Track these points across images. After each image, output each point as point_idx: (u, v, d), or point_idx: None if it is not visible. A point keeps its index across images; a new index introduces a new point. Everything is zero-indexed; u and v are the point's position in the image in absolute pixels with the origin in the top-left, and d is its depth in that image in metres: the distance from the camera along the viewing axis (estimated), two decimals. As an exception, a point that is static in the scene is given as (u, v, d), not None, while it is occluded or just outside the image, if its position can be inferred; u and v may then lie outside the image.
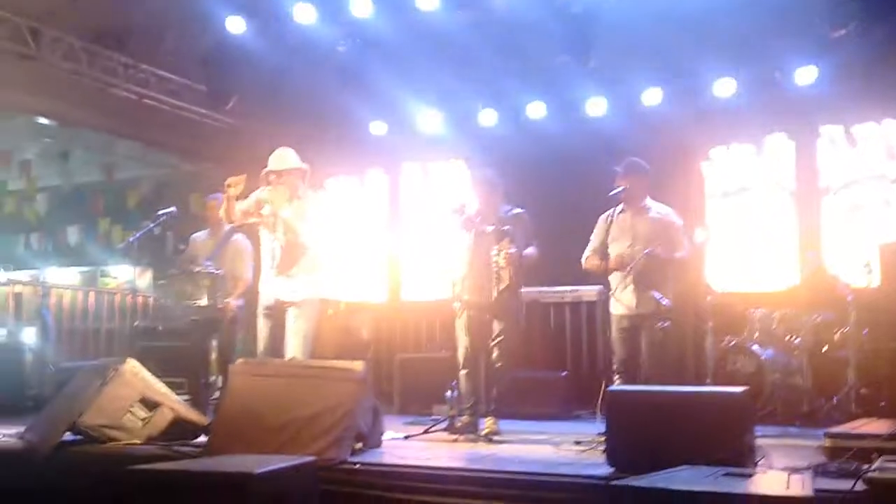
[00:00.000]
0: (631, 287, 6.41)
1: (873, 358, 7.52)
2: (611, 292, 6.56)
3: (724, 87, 9.44)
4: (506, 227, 6.58)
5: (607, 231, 6.43)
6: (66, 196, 14.72)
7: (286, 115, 11.31)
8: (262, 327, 6.58)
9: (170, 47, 9.96)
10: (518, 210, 6.85)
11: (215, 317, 7.45)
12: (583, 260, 6.75)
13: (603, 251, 6.35)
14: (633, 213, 6.58)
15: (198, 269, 7.42)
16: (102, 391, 5.82)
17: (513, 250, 6.49)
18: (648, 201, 6.63)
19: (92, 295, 11.79)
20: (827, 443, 4.93)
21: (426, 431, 6.50)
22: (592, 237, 6.66)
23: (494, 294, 6.52)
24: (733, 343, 8.27)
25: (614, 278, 6.50)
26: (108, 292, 12.41)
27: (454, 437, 6.36)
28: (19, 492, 5.36)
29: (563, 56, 8.24)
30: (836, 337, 8.00)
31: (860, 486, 3.83)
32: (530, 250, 6.71)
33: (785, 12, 8.10)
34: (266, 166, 6.71)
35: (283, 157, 6.66)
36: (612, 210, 6.48)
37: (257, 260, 7.18)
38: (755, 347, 8.09)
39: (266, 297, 6.59)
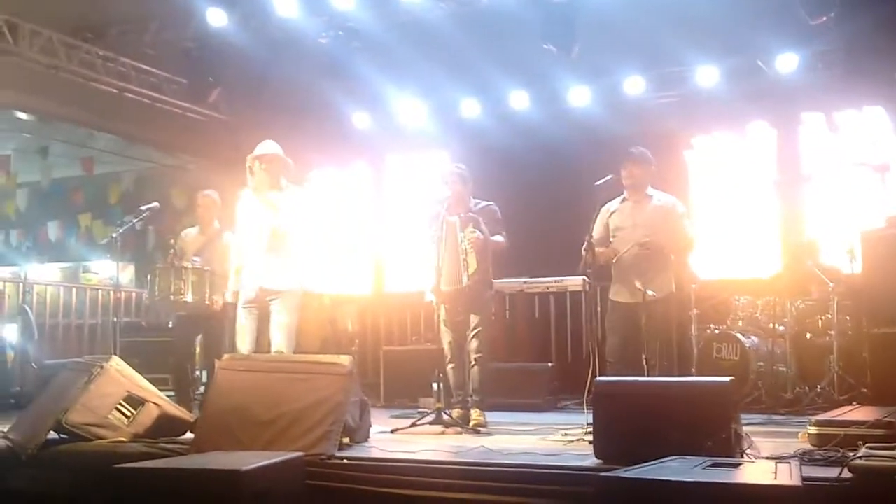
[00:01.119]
0: (628, 277, 6.42)
1: (856, 344, 7.59)
2: (612, 281, 6.61)
3: (707, 76, 9.48)
4: (470, 214, 6.65)
5: (606, 222, 6.44)
6: (46, 191, 14.57)
7: (269, 107, 11.26)
8: (245, 322, 6.54)
9: (150, 40, 9.85)
10: (487, 202, 6.91)
11: (201, 313, 7.42)
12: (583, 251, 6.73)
13: (603, 242, 6.34)
14: (636, 203, 6.60)
15: (185, 264, 7.40)
16: (87, 389, 5.77)
17: (477, 234, 6.54)
18: (651, 190, 6.64)
19: (74, 291, 11.70)
20: (812, 430, 4.94)
21: (413, 425, 6.49)
22: (593, 228, 6.60)
23: (464, 280, 6.55)
24: (717, 331, 8.33)
25: (614, 267, 6.52)
26: (90, 288, 12.33)
27: (441, 429, 6.36)
28: (4, 492, 5.32)
29: (546, 45, 8.20)
30: (820, 324, 8.06)
31: (846, 474, 3.86)
32: (498, 237, 6.77)
33: (766, 0, 8.11)
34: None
35: (269, 145, 6.70)
36: (612, 201, 6.50)
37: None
38: (739, 335, 8.15)
39: (248, 291, 6.56)
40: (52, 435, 5.73)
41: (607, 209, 6.60)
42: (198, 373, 8.70)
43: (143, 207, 7.70)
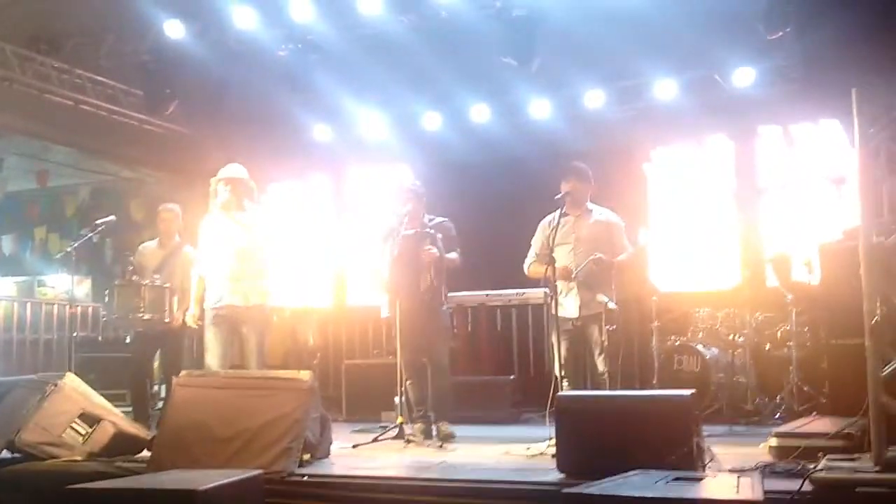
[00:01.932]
0: (574, 291, 6.42)
1: (814, 355, 7.65)
2: (555, 297, 6.56)
3: (665, 89, 9.56)
4: (426, 230, 6.67)
5: (550, 236, 6.43)
6: (1, 205, 14.36)
7: (228, 120, 11.15)
8: (212, 337, 6.57)
9: (107, 52, 9.72)
10: (441, 218, 6.94)
11: (160, 329, 7.32)
12: (525, 267, 6.75)
13: (546, 256, 6.35)
14: (576, 218, 6.59)
15: (145, 281, 7.30)
16: (41, 407, 5.66)
17: (433, 250, 6.56)
18: (590, 205, 6.64)
19: (29, 306, 11.51)
20: (773, 442, 4.98)
21: (375, 440, 6.44)
22: (533, 242, 6.66)
23: (419, 297, 6.60)
24: (678, 343, 8.37)
25: (560, 283, 6.50)
26: (45, 303, 12.13)
27: (404, 444, 6.31)
28: (-46, 513, 5.19)
29: (505, 59, 8.22)
30: (779, 335, 8.12)
31: (807, 487, 3.88)
32: (452, 254, 6.80)
33: (723, 15, 8.18)
34: (209, 174, 6.72)
35: (234, 168, 6.87)
36: (553, 215, 6.49)
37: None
38: (700, 347, 8.20)
39: (216, 305, 6.59)
40: (5, 454, 5.61)
41: (547, 223, 6.59)
42: (156, 388, 8.60)
43: (99, 221, 7.62)
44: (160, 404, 8.08)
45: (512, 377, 8.72)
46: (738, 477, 3.94)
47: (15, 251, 15.01)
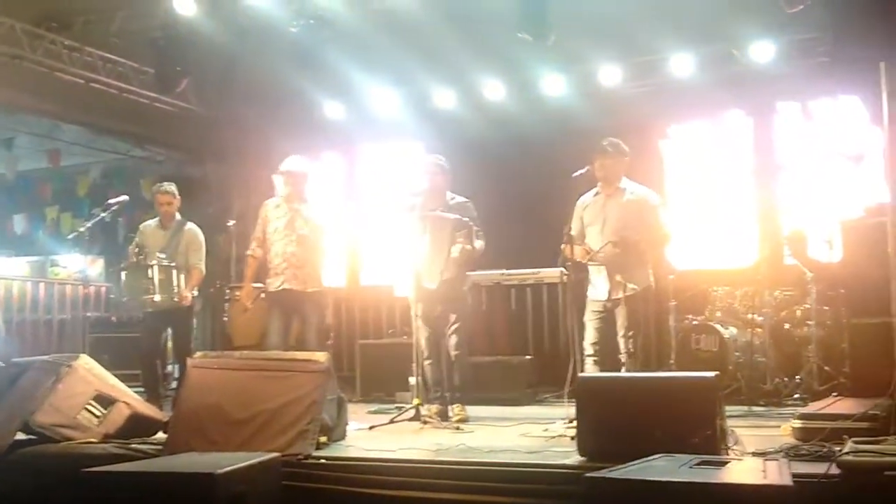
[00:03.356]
0: (604, 273, 6.33)
1: (835, 335, 7.57)
2: (571, 276, 6.51)
3: (682, 65, 9.41)
4: (465, 220, 6.58)
5: (581, 216, 6.34)
6: (12, 184, 14.34)
7: (239, 97, 11.11)
8: (274, 318, 6.98)
9: (117, 30, 9.64)
10: (464, 199, 6.84)
11: (170, 308, 7.29)
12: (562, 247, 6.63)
13: (579, 237, 6.26)
14: (607, 196, 6.48)
15: (152, 262, 7.25)
16: (55, 389, 5.63)
17: (468, 247, 6.53)
18: (624, 182, 6.52)
19: (42, 286, 11.48)
20: (797, 424, 4.90)
21: (392, 421, 6.39)
22: (571, 223, 6.49)
23: (438, 280, 6.54)
24: (696, 322, 8.28)
25: (590, 265, 6.42)
26: (58, 283, 12.10)
27: (420, 426, 6.26)
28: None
29: (521, 34, 8.09)
30: (798, 314, 8.03)
31: (833, 470, 3.81)
32: (479, 243, 6.72)
33: (741, -12, 8.08)
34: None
35: (292, 161, 7.23)
36: (587, 194, 6.40)
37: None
38: (718, 326, 8.11)
39: (278, 289, 6.98)
40: (20, 436, 5.58)
41: (582, 203, 6.49)
42: (169, 368, 8.58)
43: (111, 200, 7.57)
44: (174, 384, 8.06)
45: (528, 357, 8.64)
46: (764, 461, 3.86)
47: (27, 231, 15.00)
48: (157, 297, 7.18)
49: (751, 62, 9.19)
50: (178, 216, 7.75)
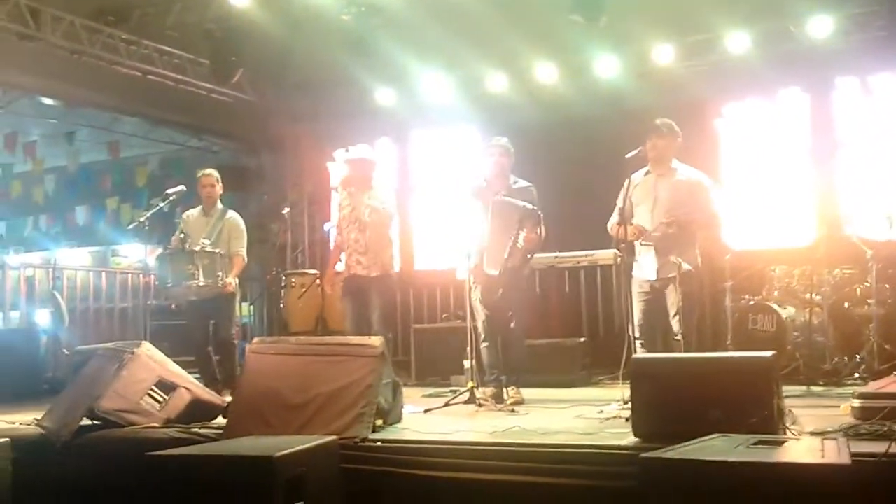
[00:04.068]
0: (652, 253, 6.29)
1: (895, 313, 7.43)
2: (625, 257, 6.47)
3: (737, 42, 9.28)
4: (532, 207, 6.53)
5: (629, 195, 6.30)
6: (73, 176, 14.63)
7: (292, 86, 11.20)
8: (346, 304, 7.11)
9: (173, 22, 9.79)
10: (526, 183, 6.83)
11: (212, 296, 7.39)
12: (608, 226, 6.59)
13: (626, 216, 6.22)
14: (658, 176, 6.43)
15: (197, 247, 7.36)
16: (119, 375, 5.75)
17: (533, 236, 6.50)
18: (675, 163, 6.46)
19: (103, 275, 11.73)
20: (856, 403, 4.83)
21: (447, 404, 6.42)
22: (618, 202, 6.45)
23: (503, 266, 6.52)
24: (753, 302, 8.18)
25: (638, 244, 6.38)
26: (119, 272, 12.36)
27: (475, 408, 6.28)
28: (38, 479, 5.30)
29: (573, 16, 8.04)
30: (858, 293, 7.89)
31: (894, 449, 3.75)
32: (543, 232, 6.68)
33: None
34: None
35: (357, 150, 7.62)
36: (638, 172, 6.36)
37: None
38: (775, 306, 8.00)
39: (347, 275, 7.13)
40: (86, 421, 5.72)
41: (630, 181, 6.44)
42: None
43: (170, 191, 7.68)
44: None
45: (582, 339, 8.62)
46: (823, 440, 3.81)
47: (89, 222, 15.30)
48: (202, 282, 7.23)
49: (807, 38, 9.02)
50: (219, 204, 7.85)
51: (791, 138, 9.51)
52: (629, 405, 4.75)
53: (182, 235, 7.53)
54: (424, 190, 11.31)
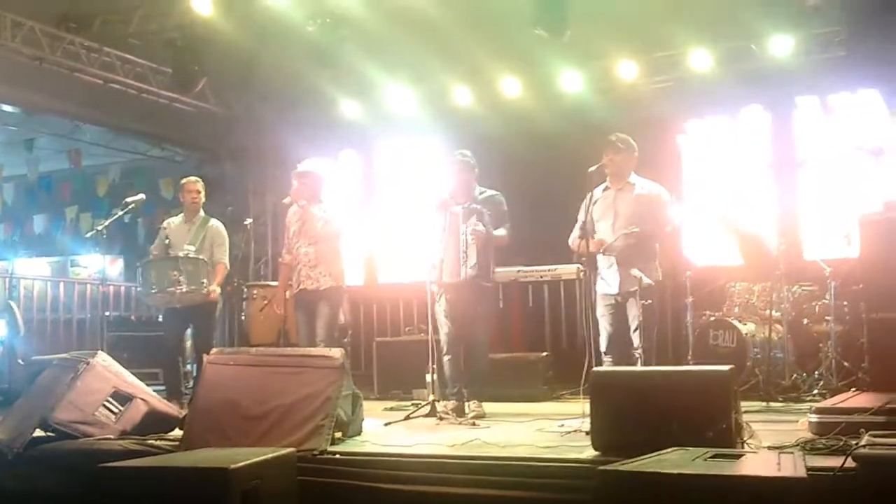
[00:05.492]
0: (615, 266, 6.32)
1: (854, 330, 7.51)
2: (590, 271, 6.49)
3: (700, 60, 9.39)
4: (474, 206, 6.60)
5: (589, 210, 6.32)
6: (32, 185, 14.46)
7: (256, 97, 11.14)
8: (299, 318, 7.04)
9: (135, 30, 9.70)
10: (492, 192, 6.87)
11: (194, 304, 7.31)
12: (570, 241, 6.62)
13: (588, 229, 6.24)
14: (617, 191, 6.47)
15: (181, 253, 7.29)
16: (73, 386, 5.66)
17: (479, 227, 6.49)
18: (634, 178, 6.50)
19: (61, 285, 11.58)
20: (813, 418, 4.86)
21: (407, 418, 6.40)
22: (578, 216, 6.49)
23: (463, 273, 6.51)
24: (713, 318, 8.24)
25: (600, 258, 6.41)
26: (77, 282, 12.19)
27: (436, 422, 6.26)
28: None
29: (537, 31, 8.07)
30: (817, 309, 7.97)
31: (849, 464, 3.77)
32: (500, 231, 6.71)
33: (760, -18, 8.03)
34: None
35: (306, 164, 7.42)
36: (597, 188, 6.39)
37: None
38: (735, 322, 8.07)
39: (296, 290, 7.06)
40: (39, 432, 5.62)
41: (591, 196, 6.47)
42: (189, 367, 8.60)
43: (128, 199, 7.61)
44: (191, 383, 8.08)
45: (544, 354, 8.61)
46: (779, 454, 3.84)
47: (47, 231, 15.11)
48: (185, 289, 7.17)
49: (769, 57, 9.15)
50: (202, 212, 7.80)
51: (752, 155, 9.62)
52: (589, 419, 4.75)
53: (167, 241, 7.45)
54: (388, 202, 11.28)
